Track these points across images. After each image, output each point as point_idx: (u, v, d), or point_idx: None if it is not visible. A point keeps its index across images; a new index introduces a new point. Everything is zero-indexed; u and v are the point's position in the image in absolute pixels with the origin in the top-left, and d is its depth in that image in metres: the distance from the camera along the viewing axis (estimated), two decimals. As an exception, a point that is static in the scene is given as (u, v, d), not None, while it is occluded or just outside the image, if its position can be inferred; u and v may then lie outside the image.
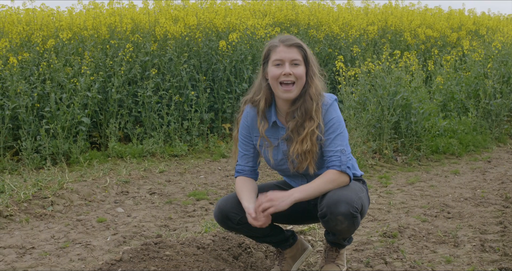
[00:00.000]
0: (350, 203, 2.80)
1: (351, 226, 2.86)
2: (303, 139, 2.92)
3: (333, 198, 2.81)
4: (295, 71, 2.90)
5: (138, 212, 4.87)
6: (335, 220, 2.81)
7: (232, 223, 3.04)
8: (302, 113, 2.93)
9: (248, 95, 3.10)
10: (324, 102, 2.96)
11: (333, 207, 2.79)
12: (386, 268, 3.38)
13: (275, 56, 2.92)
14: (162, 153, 7.05)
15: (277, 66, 2.91)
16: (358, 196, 2.88)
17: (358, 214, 2.85)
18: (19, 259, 3.73)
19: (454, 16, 13.36)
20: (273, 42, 2.97)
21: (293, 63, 2.91)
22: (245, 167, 3.13)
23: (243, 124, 3.10)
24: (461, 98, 8.44)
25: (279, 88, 2.92)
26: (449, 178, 6.10)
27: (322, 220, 2.88)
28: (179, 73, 7.83)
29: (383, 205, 4.96)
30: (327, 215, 2.82)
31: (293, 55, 2.92)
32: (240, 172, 3.13)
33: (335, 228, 2.88)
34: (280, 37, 2.97)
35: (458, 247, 3.80)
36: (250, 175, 3.13)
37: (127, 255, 3.02)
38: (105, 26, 8.25)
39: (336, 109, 2.98)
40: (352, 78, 7.44)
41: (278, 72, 2.90)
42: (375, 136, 6.89)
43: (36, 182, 5.30)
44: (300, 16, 10.51)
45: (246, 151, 3.13)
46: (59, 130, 6.61)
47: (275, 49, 2.93)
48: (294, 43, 2.93)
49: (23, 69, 7.12)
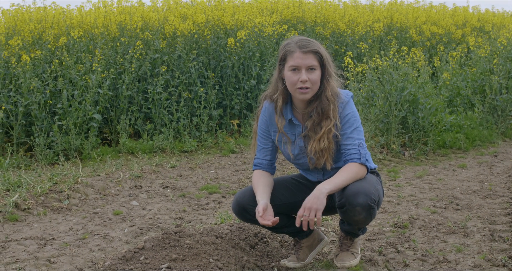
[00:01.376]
0: (368, 195, 2.90)
1: (368, 217, 2.96)
2: (320, 137, 3.03)
3: (352, 190, 2.91)
4: (311, 77, 2.98)
5: (153, 205, 4.98)
6: (353, 211, 2.91)
7: (250, 215, 3.15)
8: (319, 113, 3.03)
9: (267, 90, 3.20)
10: (341, 100, 3.06)
11: (351, 198, 2.89)
12: (398, 256, 3.47)
13: (292, 62, 2.99)
14: (172, 149, 7.15)
15: (294, 71, 2.99)
16: (375, 188, 2.99)
17: (375, 206, 2.95)
18: (41, 249, 3.83)
19: (459, 13, 13.43)
20: (290, 47, 3.02)
21: (309, 68, 2.99)
22: (263, 161, 3.23)
23: (262, 119, 3.20)
24: (467, 94, 8.52)
25: (295, 91, 3.02)
26: (456, 171, 6.19)
27: (340, 210, 2.98)
28: (188, 70, 7.93)
29: (392, 198, 5.06)
30: (346, 205, 2.92)
31: (310, 61, 2.98)
32: (258, 165, 3.23)
33: (352, 218, 2.97)
34: (297, 41, 3.02)
35: (468, 237, 3.89)
36: (267, 168, 3.23)
37: (149, 243, 3.12)
38: (115, 24, 8.35)
39: (352, 105, 3.09)
40: (359, 75, 7.52)
41: (295, 78, 2.98)
42: (383, 131, 6.98)
43: (52, 176, 5.41)
44: (307, 14, 10.60)
45: (264, 144, 3.23)
46: (71, 127, 6.72)
47: (292, 54, 2.99)
48: (311, 50, 2.99)
49: (36, 67, 7.23)
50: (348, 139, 3.03)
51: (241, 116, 8.42)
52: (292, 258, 3.35)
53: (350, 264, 3.17)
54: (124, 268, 2.92)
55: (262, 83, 8.35)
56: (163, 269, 2.87)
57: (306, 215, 2.84)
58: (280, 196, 3.20)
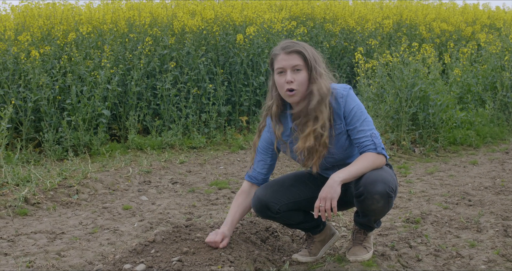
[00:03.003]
0: (386, 183, 2.87)
1: (385, 206, 2.93)
2: (305, 136, 2.99)
3: (370, 178, 2.88)
4: (297, 77, 2.95)
5: (162, 200, 4.95)
6: (372, 199, 2.88)
7: (271, 213, 3.13)
8: (306, 114, 3.00)
9: (266, 103, 3.17)
10: (339, 95, 3.00)
11: (370, 186, 2.86)
12: (411, 251, 3.43)
13: (277, 65, 2.98)
14: (181, 145, 7.13)
15: (280, 74, 2.97)
16: (392, 177, 2.96)
17: (393, 194, 2.92)
18: (51, 243, 3.82)
19: (469, 11, 13.35)
20: (275, 50, 3.03)
21: (294, 69, 2.96)
22: (259, 175, 3.23)
23: (265, 135, 3.19)
24: (478, 90, 8.45)
25: (285, 95, 3.00)
26: (467, 168, 6.13)
27: (357, 200, 2.94)
28: (197, 66, 7.91)
29: (403, 194, 5.01)
30: (364, 194, 2.88)
31: (294, 61, 2.95)
32: (252, 179, 3.24)
33: (370, 207, 2.93)
34: (281, 44, 3.02)
35: (481, 232, 3.84)
36: (259, 184, 3.24)
37: (160, 236, 3.10)
38: (124, 20, 8.34)
39: (353, 98, 3.03)
40: (369, 71, 7.48)
41: (282, 80, 2.96)
42: (393, 127, 6.94)
43: (61, 171, 5.40)
44: (316, 10, 10.55)
45: (263, 159, 3.22)
46: (80, 122, 6.71)
47: (277, 57, 2.99)
48: (293, 50, 2.96)
49: (45, 63, 7.22)
50: (360, 132, 2.99)
51: (250, 113, 8.39)
52: (304, 253, 3.32)
53: (362, 258, 3.13)
54: (135, 261, 2.90)
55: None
56: (174, 262, 2.84)
57: (322, 205, 2.83)
58: (299, 191, 3.17)
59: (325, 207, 2.82)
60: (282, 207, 3.10)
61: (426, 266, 3.22)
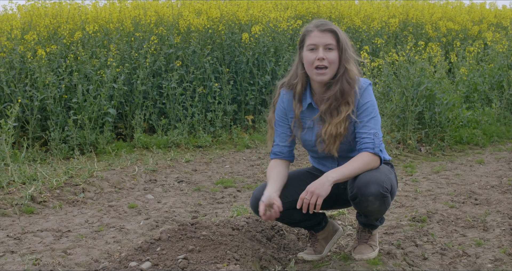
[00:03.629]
0: (379, 184, 2.86)
1: (382, 206, 2.92)
2: (338, 122, 2.98)
3: (363, 180, 2.87)
4: (328, 56, 2.97)
5: (168, 199, 4.96)
6: (366, 201, 2.87)
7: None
8: (338, 97, 2.99)
9: (284, 78, 3.18)
10: (359, 86, 3.02)
11: (363, 188, 2.85)
12: (417, 250, 3.42)
13: (310, 41, 2.99)
14: (187, 144, 7.13)
15: (311, 51, 2.98)
16: (387, 176, 2.94)
17: (388, 194, 2.91)
18: (57, 241, 3.83)
19: (475, 9, 13.30)
20: (308, 27, 3.04)
21: (326, 47, 2.98)
22: (284, 148, 3.19)
23: (280, 106, 3.17)
24: (485, 89, 8.42)
25: (313, 72, 2.99)
26: (474, 167, 6.11)
27: (353, 202, 2.94)
28: (203, 65, 7.91)
29: (409, 192, 5.00)
30: (358, 196, 2.88)
31: (327, 40, 2.98)
32: (278, 154, 3.19)
33: (366, 209, 2.93)
34: (315, 22, 3.04)
35: (487, 231, 3.83)
36: (287, 156, 3.20)
37: (165, 234, 3.10)
38: (129, 19, 8.35)
39: (370, 93, 3.05)
40: (375, 69, 7.46)
41: (313, 57, 2.97)
42: (399, 126, 6.92)
43: (67, 170, 5.42)
44: (322, 9, 10.54)
45: (283, 131, 3.19)
46: (86, 121, 6.72)
47: (310, 34, 3.01)
48: (328, 28, 3.00)
49: (51, 61, 7.24)
50: (364, 127, 2.99)
51: (256, 112, 8.38)
52: (309, 251, 3.31)
53: (368, 256, 3.13)
54: (141, 259, 2.90)
55: (276, 78, 8.31)
56: (179, 260, 2.84)
57: (307, 199, 2.83)
58: (298, 190, 3.14)
59: (309, 201, 2.83)
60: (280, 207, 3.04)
61: (432, 264, 3.21)
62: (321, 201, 2.82)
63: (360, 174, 2.92)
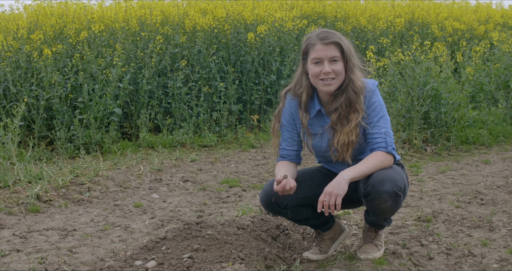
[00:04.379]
0: (394, 182, 2.86)
1: (394, 205, 2.92)
2: (349, 131, 2.99)
3: (378, 177, 2.87)
4: (334, 68, 2.96)
5: (173, 198, 4.97)
6: (380, 199, 2.87)
7: (279, 207, 3.12)
8: (346, 106, 2.99)
9: (289, 85, 3.17)
10: (367, 89, 3.03)
11: (377, 186, 2.85)
12: (422, 250, 3.41)
13: (314, 55, 2.98)
14: (192, 143, 7.14)
15: (316, 64, 2.97)
16: (401, 176, 2.95)
17: (401, 193, 2.91)
18: (62, 240, 3.84)
19: (482, 9, 13.26)
20: (311, 40, 3.01)
21: (331, 60, 2.96)
22: (291, 152, 3.20)
23: (287, 111, 3.16)
24: (491, 89, 8.39)
25: (319, 83, 2.99)
26: (480, 167, 6.09)
27: (366, 199, 2.93)
28: (208, 65, 7.91)
29: (415, 192, 4.99)
30: (372, 193, 2.88)
31: (331, 52, 2.96)
32: (286, 157, 3.20)
33: (378, 207, 2.93)
34: (318, 34, 3.01)
35: (493, 231, 3.82)
36: (295, 159, 3.21)
37: (171, 233, 3.10)
38: (135, 19, 8.36)
39: (378, 94, 3.06)
40: (381, 69, 7.45)
41: (318, 70, 2.97)
42: (405, 126, 6.90)
43: (72, 169, 5.43)
44: (327, 9, 10.53)
45: (291, 135, 3.19)
46: (92, 121, 6.74)
47: (313, 47, 2.98)
48: (331, 41, 2.97)
49: (57, 61, 7.26)
50: (375, 127, 3.00)
51: (261, 112, 8.38)
52: (315, 251, 3.31)
53: (373, 256, 3.13)
54: (146, 258, 2.90)
55: (282, 78, 8.31)
56: (185, 259, 2.84)
57: (326, 200, 2.83)
58: (307, 187, 3.16)
59: (329, 202, 2.82)
60: (290, 202, 3.08)
61: (438, 264, 3.21)
62: (340, 200, 2.83)
63: (375, 172, 2.92)
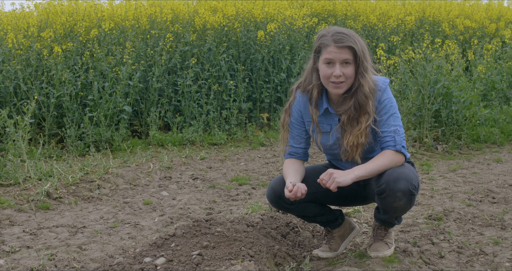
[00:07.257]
0: (409, 180, 2.84)
1: (408, 204, 2.89)
2: (359, 133, 2.96)
3: (392, 175, 2.85)
4: (345, 71, 2.92)
5: (183, 196, 4.96)
6: (394, 197, 2.85)
7: (286, 203, 3.10)
8: (356, 109, 2.97)
9: (299, 80, 3.15)
10: (378, 87, 2.99)
11: (392, 183, 2.83)
12: (433, 248, 3.38)
13: (326, 55, 2.93)
14: (202, 141, 7.14)
15: (328, 65, 2.93)
16: (415, 174, 2.93)
17: (415, 192, 2.88)
18: (72, 236, 3.84)
19: (493, 7, 13.17)
20: (325, 40, 2.95)
21: (343, 62, 2.93)
22: (299, 149, 3.18)
23: (295, 108, 3.15)
24: (502, 87, 8.33)
25: (329, 85, 2.97)
26: (491, 165, 6.04)
27: (379, 197, 2.91)
28: (218, 63, 7.91)
29: (426, 191, 4.95)
30: (386, 191, 2.85)
31: (344, 55, 2.91)
32: (293, 154, 3.18)
33: (391, 205, 2.90)
34: (333, 34, 2.94)
35: (505, 230, 3.78)
36: (302, 157, 3.20)
37: (180, 230, 3.10)
38: (145, 17, 8.37)
39: (389, 92, 3.03)
40: (391, 67, 7.41)
41: (329, 72, 2.93)
42: (415, 124, 6.86)
43: (82, 166, 5.44)
44: (338, 7, 10.50)
45: (299, 133, 3.18)
46: (102, 118, 6.75)
47: (327, 48, 2.93)
48: (345, 45, 2.91)
49: (67, 59, 7.28)
50: (384, 125, 2.97)
51: (271, 110, 8.37)
52: (324, 248, 3.29)
53: (384, 254, 3.10)
54: (155, 255, 2.90)
55: (292, 76, 8.28)
56: (194, 256, 2.83)
57: (325, 180, 2.83)
58: (315, 183, 3.12)
59: (326, 183, 2.83)
60: None
61: (449, 263, 3.18)
62: (335, 188, 2.81)
63: (389, 170, 2.90)
